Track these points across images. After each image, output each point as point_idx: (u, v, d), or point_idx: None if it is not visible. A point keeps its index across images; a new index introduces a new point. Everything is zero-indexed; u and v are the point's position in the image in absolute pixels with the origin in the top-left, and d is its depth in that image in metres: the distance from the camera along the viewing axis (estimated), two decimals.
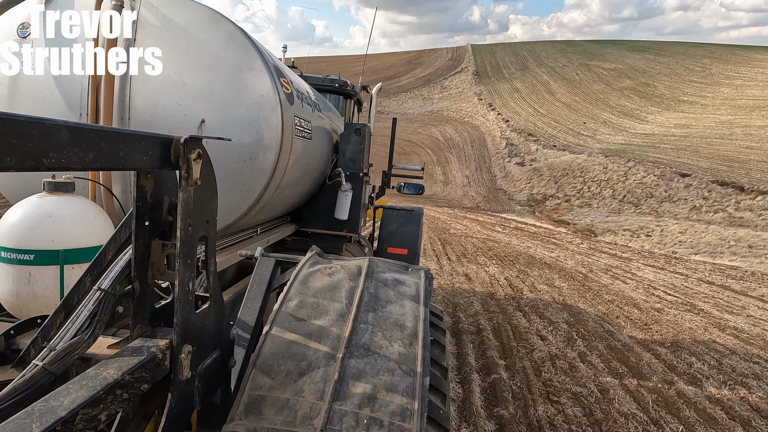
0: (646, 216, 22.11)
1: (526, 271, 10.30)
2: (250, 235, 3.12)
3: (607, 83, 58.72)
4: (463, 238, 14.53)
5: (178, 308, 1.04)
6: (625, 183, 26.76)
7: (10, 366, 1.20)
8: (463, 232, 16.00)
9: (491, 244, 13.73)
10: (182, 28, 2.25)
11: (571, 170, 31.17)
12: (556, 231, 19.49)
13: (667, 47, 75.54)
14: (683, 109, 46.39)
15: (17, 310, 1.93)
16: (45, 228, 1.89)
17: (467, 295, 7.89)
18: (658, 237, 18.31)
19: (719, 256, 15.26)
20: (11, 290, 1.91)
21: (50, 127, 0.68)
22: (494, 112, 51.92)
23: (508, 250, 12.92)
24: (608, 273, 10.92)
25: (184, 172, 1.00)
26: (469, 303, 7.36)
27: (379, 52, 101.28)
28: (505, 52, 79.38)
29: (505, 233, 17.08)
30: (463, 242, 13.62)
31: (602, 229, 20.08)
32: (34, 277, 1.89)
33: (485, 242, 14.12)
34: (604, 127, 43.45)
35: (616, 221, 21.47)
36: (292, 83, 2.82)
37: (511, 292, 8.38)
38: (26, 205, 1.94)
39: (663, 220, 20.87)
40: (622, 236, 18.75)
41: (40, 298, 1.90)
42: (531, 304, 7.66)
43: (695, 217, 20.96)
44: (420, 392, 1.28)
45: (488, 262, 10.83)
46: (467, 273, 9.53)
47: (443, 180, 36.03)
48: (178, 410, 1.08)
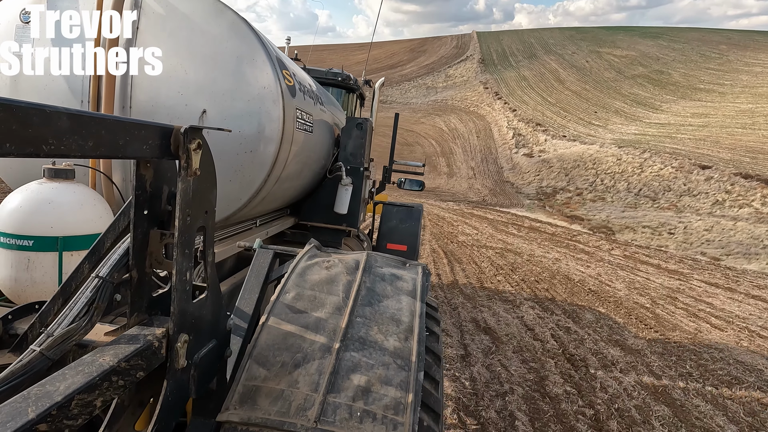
0: (665, 211, 20.62)
1: (573, 313, 7.16)
2: (250, 226, 3.12)
3: (619, 71, 56.77)
4: (475, 249, 11.77)
5: (175, 297, 1.05)
6: (641, 175, 25.28)
7: (8, 350, 1.21)
8: (474, 240, 13.21)
9: (512, 259, 11.01)
10: (185, 18, 2.24)
11: (582, 162, 29.55)
12: (575, 230, 17.49)
13: (681, 33, 72.77)
14: (700, 97, 44.47)
15: (16, 295, 1.94)
16: (44, 214, 1.90)
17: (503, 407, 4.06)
18: (682, 235, 16.93)
19: (755, 258, 13.86)
20: (10, 275, 1.92)
21: (50, 114, 0.68)
22: (501, 101, 50.43)
23: (535, 268, 10.22)
24: (678, 305, 8.36)
25: (184, 162, 1.00)
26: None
27: (383, 41, 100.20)
28: (512, 40, 77.34)
29: (521, 236, 14.77)
30: (476, 257, 10.78)
31: (619, 226, 18.66)
32: (33, 263, 1.90)
33: (504, 255, 11.34)
34: (617, 117, 41.87)
35: (633, 217, 20.00)
36: (295, 75, 2.81)
37: (573, 372, 4.94)
38: (26, 191, 1.94)
39: (684, 216, 19.40)
40: (642, 234, 17.38)
41: (38, 284, 1.91)
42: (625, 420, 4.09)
43: (719, 212, 19.39)
44: (414, 386, 1.29)
45: (516, 296, 7.77)
46: (490, 325, 6.11)
47: (447, 172, 34.73)
48: (174, 398, 1.09)
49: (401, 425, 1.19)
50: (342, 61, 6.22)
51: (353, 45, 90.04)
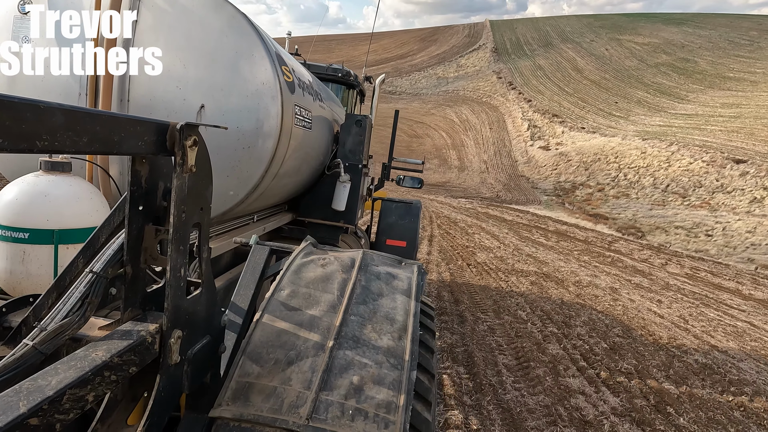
0: (697, 209, 18.73)
1: None
2: (247, 222, 3.12)
3: (641, 59, 54.53)
4: (501, 277, 8.43)
5: (169, 293, 1.05)
6: (668, 170, 23.65)
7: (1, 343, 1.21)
8: (497, 259, 10.02)
9: (555, 293, 7.88)
10: (185, 12, 2.23)
11: (603, 155, 27.79)
12: (607, 234, 15.26)
13: (707, 19, 69.81)
14: (730, 86, 42.31)
15: (10, 287, 1.94)
16: (40, 207, 1.89)
17: None
18: (721, 237, 14.94)
19: None
20: (5, 268, 1.91)
21: (44, 109, 0.68)
22: (515, 91, 48.71)
23: (594, 315, 7.07)
24: None
25: (179, 159, 1.00)
26: None
27: (393, 30, 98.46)
28: (527, 28, 74.97)
29: (552, 247, 12.28)
30: (509, 300, 7.14)
31: (649, 226, 16.83)
32: (28, 256, 1.90)
33: (542, 287, 8.23)
34: (639, 107, 39.89)
35: (663, 216, 18.16)
36: (294, 71, 2.80)
37: None
38: (22, 183, 1.93)
39: (720, 215, 17.45)
40: (675, 236, 15.50)
41: (33, 277, 1.91)
42: None
43: (758, 211, 17.48)
44: (406, 385, 1.30)
45: (599, 416, 4.16)
46: None
47: (458, 165, 32.74)
48: (167, 394, 1.09)
49: (393, 424, 1.19)
50: (350, 51, 5.91)
51: (362, 35, 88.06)
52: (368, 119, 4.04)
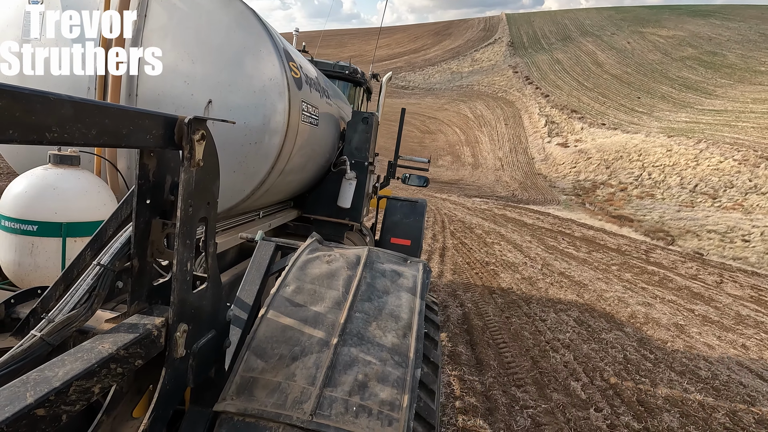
0: (729, 212, 17.58)
1: None
2: (252, 218, 3.13)
3: (665, 52, 52.38)
4: (535, 313, 6.51)
5: (175, 287, 1.05)
6: (696, 169, 22.46)
7: (9, 334, 1.22)
8: (525, 280, 8.28)
9: (607, 336, 6.01)
10: (194, 8, 2.23)
11: (626, 153, 26.52)
12: (639, 242, 13.76)
13: (736, 11, 66.89)
14: (761, 81, 40.26)
15: (19, 279, 1.96)
16: (49, 200, 1.91)
17: None
18: (761, 243, 13.67)
19: None
20: (14, 260, 1.93)
21: (54, 101, 0.68)
22: (532, 86, 47.21)
23: (671, 377, 5.06)
24: None
25: (187, 153, 1.00)
26: None
27: (406, 24, 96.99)
28: (544, 21, 72.82)
29: (584, 259, 10.80)
30: (545, 348, 5.31)
31: (678, 230, 15.65)
32: (36, 248, 1.92)
33: (589, 327, 6.27)
34: (663, 103, 38.17)
35: (692, 218, 16.96)
36: (301, 68, 2.80)
37: None
38: (31, 176, 1.95)
39: (756, 218, 16.21)
40: (708, 240, 14.32)
41: (41, 269, 1.93)
42: None
43: None
44: (410, 383, 1.30)
45: None
46: None
47: (472, 162, 31.74)
48: (172, 387, 1.10)
49: (396, 421, 1.19)
50: (363, 45, 5.79)
51: (375, 29, 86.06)
52: (375, 117, 4.03)
